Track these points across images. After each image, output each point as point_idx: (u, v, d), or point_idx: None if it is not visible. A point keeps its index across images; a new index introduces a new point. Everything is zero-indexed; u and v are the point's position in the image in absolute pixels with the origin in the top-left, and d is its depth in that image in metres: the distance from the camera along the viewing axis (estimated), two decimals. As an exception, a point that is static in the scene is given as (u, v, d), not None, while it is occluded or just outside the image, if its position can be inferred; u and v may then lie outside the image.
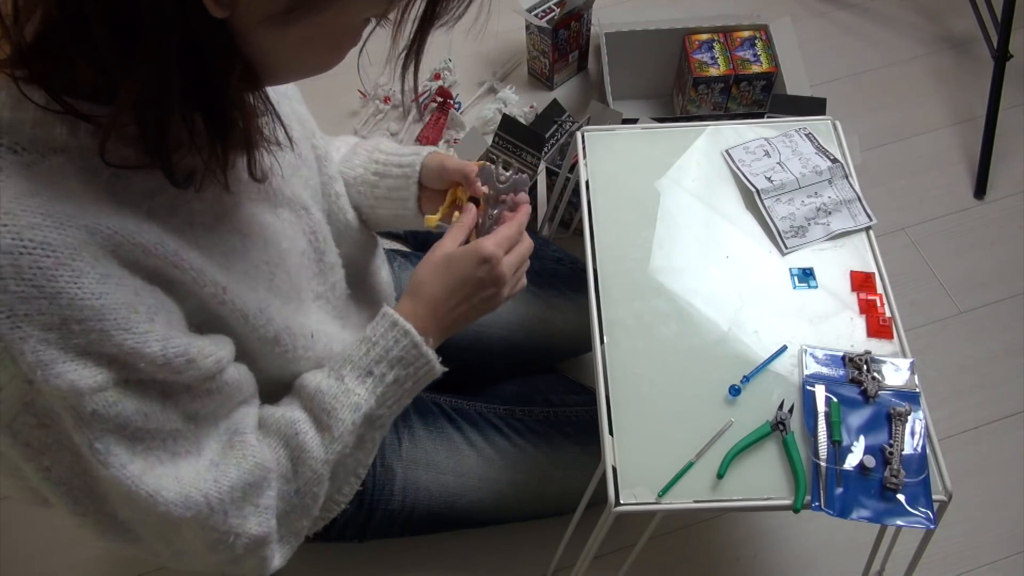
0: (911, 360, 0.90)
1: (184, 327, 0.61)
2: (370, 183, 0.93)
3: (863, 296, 0.96)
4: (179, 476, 0.64)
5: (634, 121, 1.48)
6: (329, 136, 0.98)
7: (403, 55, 0.58)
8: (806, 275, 0.98)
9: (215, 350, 0.63)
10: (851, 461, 0.83)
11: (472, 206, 0.84)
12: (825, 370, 0.89)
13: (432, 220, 0.86)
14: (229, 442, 0.69)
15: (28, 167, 0.51)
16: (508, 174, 0.84)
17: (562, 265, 1.27)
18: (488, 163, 0.85)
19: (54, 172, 0.52)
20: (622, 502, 0.82)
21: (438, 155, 0.90)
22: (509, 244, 0.79)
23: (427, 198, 0.91)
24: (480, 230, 0.84)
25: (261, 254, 0.68)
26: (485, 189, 0.84)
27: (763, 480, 0.83)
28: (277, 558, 0.76)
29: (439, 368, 0.79)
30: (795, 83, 1.51)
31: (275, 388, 0.77)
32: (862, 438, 0.84)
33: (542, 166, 1.37)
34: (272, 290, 0.70)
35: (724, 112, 1.62)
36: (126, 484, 0.60)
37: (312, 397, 0.75)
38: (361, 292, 0.93)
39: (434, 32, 0.57)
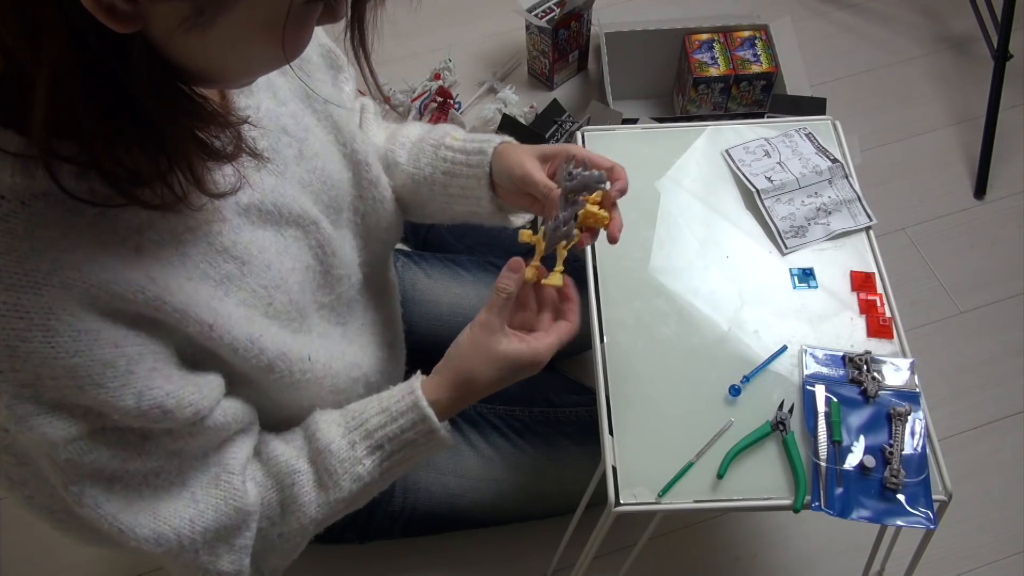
0: (911, 360, 0.90)
1: (173, 365, 0.60)
2: (441, 183, 0.88)
3: (863, 296, 0.96)
4: (157, 512, 0.63)
5: (634, 121, 1.48)
6: (396, 125, 0.94)
7: (348, 39, 0.55)
8: (806, 275, 0.98)
9: (196, 399, 0.61)
10: (851, 461, 0.83)
11: (519, 266, 0.76)
12: (825, 370, 0.89)
13: (527, 236, 0.78)
14: (215, 479, 0.68)
15: (5, 220, 0.50)
16: (578, 171, 0.76)
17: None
18: (565, 163, 0.78)
19: (34, 221, 0.50)
20: (622, 502, 0.82)
21: (509, 154, 0.82)
22: (561, 343, 0.77)
23: (506, 192, 0.85)
24: (548, 236, 0.77)
25: (260, 279, 0.67)
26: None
27: (763, 480, 0.83)
28: None
29: (450, 444, 0.78)
30: (795, 83, 1.51)
31: (277, 414, 0.76)
32: (862, 438, 0.84)
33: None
34: (270, 315, 0.68)
35: (724, 112, 1.62)
36: (100, 522, 0.60)
37: (320, 453, 0.74)
38: (370, 292, 0.91)
39: (372, 10, 0.54)
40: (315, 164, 0.75)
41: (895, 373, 0.89)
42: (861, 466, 0.82)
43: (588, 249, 1.00)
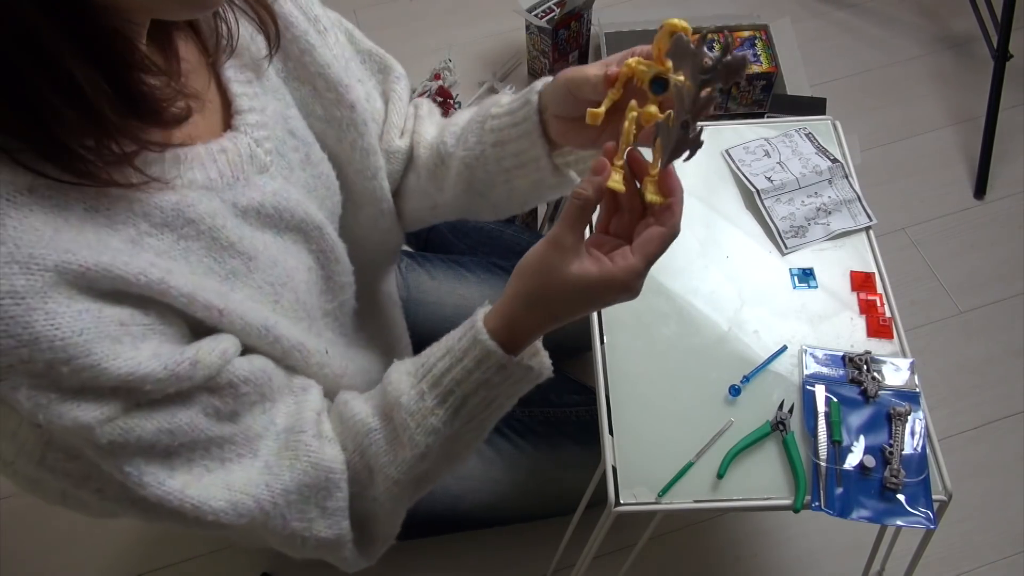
0: (911, 360, 0.90)
1: (183, 339, 0.59)
2: (493, 158, 0.77)
3: (863, 296, 0.96)
4: (230, 483, 0.62)
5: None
6: (447, 120, 0.86)
7: None
8: (806, 275, 0.98)
9: (215, 344, 0.59)
10: (851, 461, 0.83)
11: (604, 162, 0.60)
12: (825, 370, 0.89)
13: (596, 115, 0.62)
14: (284, 443, 0.66)
15: None
16: (714, 55, 0.53)
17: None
18: (683, 35, 0.57)
19: (21, 214, 0.50)
20: (622, 502, 0.82)
21: (559, 78, 0.69)
22: (653, 260, 0.63)
23: (570, 133, 0.71)
24: (665, 142, 0.57)
25: (266, 275, 0.65)
26: (679, 77, 0.57)
27: (763, 480, 0.83)
28: (362, 560, 0.74)
29: (546, 371, 0.71)
30: (795, 83, 1.51)
31: None
32: (862, 438, 0.84)
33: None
34: (278, 311, 0.67)
35: (724, 112, 1.62)
36: (169, 500, 0.58)
37: (392, 406, 0.69)
38: (369, 303, 0.89)
39: None
40: (321, 170, 0.74)
41: (895, 373, 0.89)
42: (861, 466, 0.82)
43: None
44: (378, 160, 0.80)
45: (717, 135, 1.10)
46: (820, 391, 0.87)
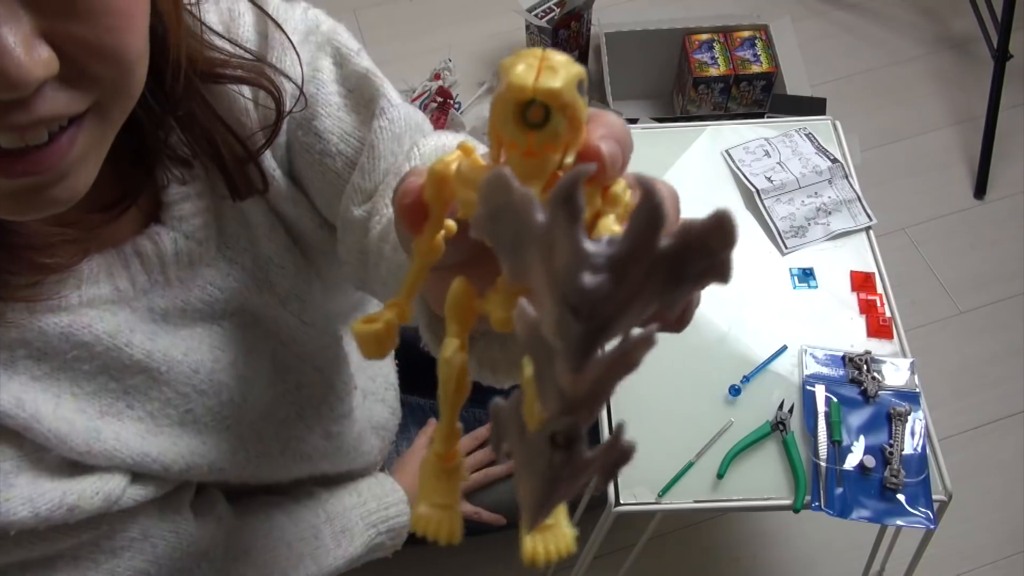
0: (911, 360, 0.90)
1: (64, 465, 0.53)
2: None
3: (863, 296, 0.96)
4: (117, 574, 0.59)
5: (634, 121, 1.48)
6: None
7: None
8: (806, 275, 0.98)
9: (100, 484, 0.54)
10: (851, 461, 0.83)
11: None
12: (825, 370, 0.89)
13: (372, 339, 0.31)
14: (173, 525, 0.63)
15: None
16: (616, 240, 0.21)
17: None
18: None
19: None
20: (622, 502, 0.82)
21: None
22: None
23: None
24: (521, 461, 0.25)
25: (178, 386, 0.58)
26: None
27: (763, 480, 0.83)
28: None
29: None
30: (795, 83, 1.51)
31: None
32: (862, 438, 0.84)
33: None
34: (185, 422, 0.60)
35: (724, 112, 1.62)
36: None
37: (337, 516, 0.83)
38: (327, 375, 0.76)
39: None
40: (276, 244, 0.61)
41: (895, 373, 0.89)
42: (861, 466, 0.82)
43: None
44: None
45: (717, 135, 1.10)
46: (820, 391, 0.87)
